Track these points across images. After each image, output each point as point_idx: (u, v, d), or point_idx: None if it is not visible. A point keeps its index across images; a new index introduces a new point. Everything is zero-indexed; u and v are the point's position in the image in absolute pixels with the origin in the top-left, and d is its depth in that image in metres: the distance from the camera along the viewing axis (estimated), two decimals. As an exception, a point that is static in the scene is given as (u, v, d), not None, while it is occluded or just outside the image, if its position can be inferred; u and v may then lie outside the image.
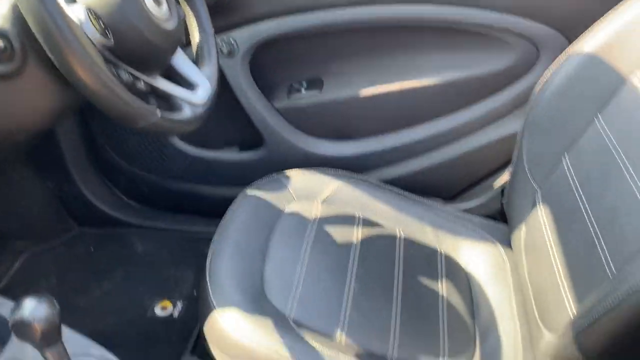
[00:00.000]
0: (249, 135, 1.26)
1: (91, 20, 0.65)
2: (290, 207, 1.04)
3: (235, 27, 1.15)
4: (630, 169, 0.76)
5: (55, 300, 0.64)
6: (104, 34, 0.66)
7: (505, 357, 0.86)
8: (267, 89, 1.24)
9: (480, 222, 1.12)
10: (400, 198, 1.12)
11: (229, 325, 0.80)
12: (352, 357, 0.80)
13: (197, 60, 0.86)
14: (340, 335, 0.83)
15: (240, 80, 1.19)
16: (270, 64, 1.22)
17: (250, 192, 1.05)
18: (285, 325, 0.82)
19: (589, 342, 0.65)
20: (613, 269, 0.68)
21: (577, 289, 0.77)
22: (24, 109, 0.73)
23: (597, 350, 0.64)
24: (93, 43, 0.65)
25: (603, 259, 0.72)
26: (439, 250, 1.05)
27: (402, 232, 1.06)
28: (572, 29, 1.04)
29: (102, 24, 0.65)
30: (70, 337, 0.72)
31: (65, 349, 0.67)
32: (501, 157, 1.16)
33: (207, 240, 1.30)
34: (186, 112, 0.78)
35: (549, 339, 0.77)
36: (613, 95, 0.87)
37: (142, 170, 1.35)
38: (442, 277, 1.00)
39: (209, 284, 0.87)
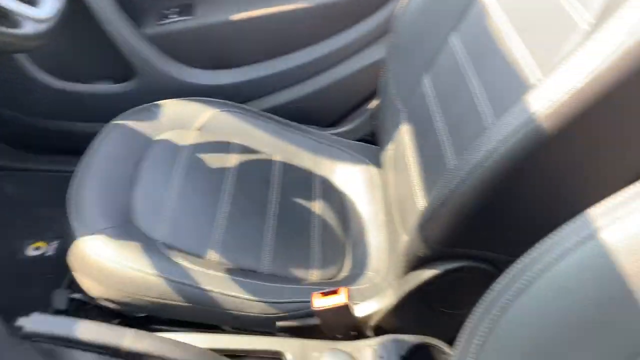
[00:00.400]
0: (120, 66, 1.21)
1: None
2: (161, 136, 1.02)
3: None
4: (477, 84, 0.81)
5: None
6: None
7: (372, 262, 0.92)
8: (135, 14, 1.18)
9: (354, 145, 1.16)
10: (278, 125, 1.13)
11: (92, 251, 0.79)
12: (222, 272, 0.82)
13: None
14: (211, 254, 0.85)
15: (105, 7, 1.13)
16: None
17: (117, 122, 1.02)
18: (152, 248, 0.82)
19: (431, 234, 0.70)
20: (453, 163, 0.74)
21: (425, 190, 0.83)
22: None
23: (437, 240, 0.70)
24: None
25: (446, 158, 0.78)
26: (315, 173, 1.08)
27: (279, 158, 1.08)
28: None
29: None
30: None
31: None
32: (371, 83, 1.19)
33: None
34: (28, 28, 0.72)
35: (404, 239, 0.83)
36: (464, 13, 0.91)
37: (7, 109, 1.25)
38: (317, 197, 1.03)
39: (71, 213, 0.84)
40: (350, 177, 1.10)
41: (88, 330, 0.69)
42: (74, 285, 0.98)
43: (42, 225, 1.16)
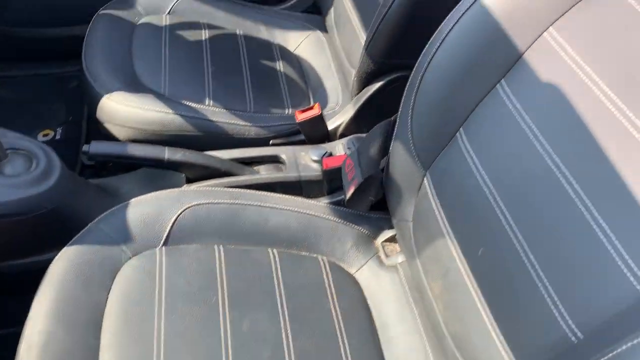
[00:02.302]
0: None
1: None
2: (142, 20, 1.21)
3: None
4: None
5: None
6: None
7: (332, 98, 1.17)
8: None
9: (300, 16, 1.39)
10: (235, 5, 1.34)
11: (117, 102, 1.00)
12: (221, 110, 1.06)
13: None
14: (208, 101, 1.08)
15: None
16: None
17: (103, 12, 1.20)
18: (163, 98, 1.04)
19: (374, 51, 0.97)
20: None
21: (365, 29, 1.08)
22: None
23: (379, 54, 0.97)
24: None
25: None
26: (272, 42, 1.31)
27: (241, 31, 1.29)
28: None
29: None
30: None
31: None
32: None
33: (68, 77, 1.43)
34: None
35: (353, 72, 1.08)
36: None
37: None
38: (277, 59, 1.26)
39: (90, 81, 1.04)
40: (301, 41, 1.34)
41: (136, 148, 0.93)
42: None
43: (44, 117, 1.33)
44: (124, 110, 1.00)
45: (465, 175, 0.66)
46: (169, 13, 1.26)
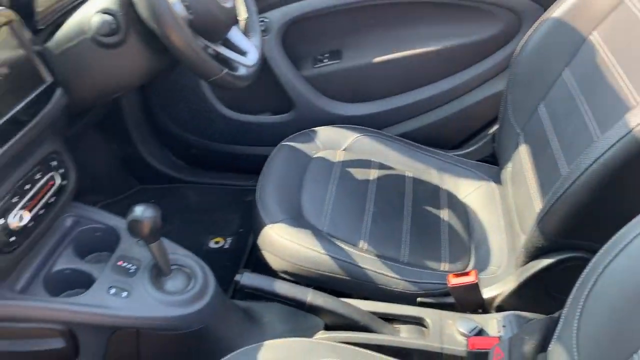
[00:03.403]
0: (281, 100, 1.50)
1: (180, 1, 0.89)
2: (317, 154, 1.29)
3: (269, 9, 1.39)
4: (587, 108, 0.98)
5: (157, 207, 0.89)
6: (187, 11, 0.90)
7: (494, 259, 1.09)
8: (296, 60, 1.48)
9: (475, 165, 1.35)
10: (409, 147, 1.35)
11: (277, 234, 1.05)
12: (372, 257, 1.04)
13: (245, 32, 1.11)
14: (362, 244, 1.07)
15: (274, 54, 1.43)
16: (298, 39, 1.46)
17: (285, 144, 1.30)
18: (320, 235, 1.06)
19: (547, 227, 0.88)
20: (566, 170, 0.91)
21: (542, 196, 1.00)
22: (122, 72, 0.97)
23: (553, 232, 0.87)
24: (182, 18, 0.89)
25: (560, 168, 0.95)
26: (441, 187, 1.28)
27: (410, 174, 1.29)
28: (549, 1, 1.26)
29: (185, 3, 0.90)
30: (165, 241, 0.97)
31: (163, 244, 0.92)
32: (491, 111, 1.38)
33: (246, 191, 1.56)
34: (241, 71, 1.02)
35: (522, 237, 1.00)
36: (575, 52, 1.09)
37: (192, 134, 1.59)
38: (443, 207, 1.23)
39: (259, 209, 1.11)
40: (472, 191, 1.29)
41: (282, 286, 0.95)
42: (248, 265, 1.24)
43: (219, 225, 1.46)
44: (282, 244, 1.03)
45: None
46: (344, 149, 1.32)
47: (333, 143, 1.33)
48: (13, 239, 0.83)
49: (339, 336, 0.91)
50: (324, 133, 1.34)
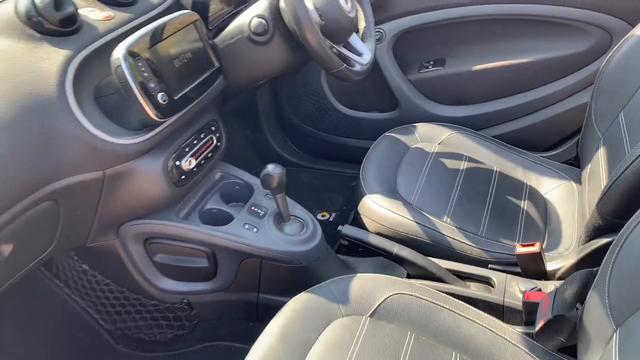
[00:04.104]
0: (388, 100, 1.74)
1: (315, 10, 1.17)
2: (415, 145, 1.50)
3: (384, 22, 1.64)
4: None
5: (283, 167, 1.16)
6: (320, 18, 1.17)
7: (563, 243, 1.24)
8: (403, 66, 1.71)
9: (559, 166, 1.49)
10: (499, 146, 1.52)
11: (374, 201, 1.28)
12: (453, 228, 1.23)
13: (362, 38, 1.36)
14: (446, 218, 1.27)
15: (385, 59, 1.68)
16: (407, 47, 1.69)
17: (388, 134, 1.53)
18: (410, 206, 1.27)
19: (605, 208, 1.03)
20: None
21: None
22: (267, 64, 1.26)
23: (609, 212, 1.02)
24: (317, 23, 1.16)
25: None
26: (525, 182, 1.44)
27: (498, 169, 1.46)
28: (638, 20, 1.38)
29: (319, 12, 1.17)
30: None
31: (285, 197, 1.18)
32: (577, 119, 1.52)
33: (351, 177, 1.81)
34: (357, 68, 1.27)
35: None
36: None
37: (309, 126, 1.88)
38: (524, 198, 1.39)
39: (361, 181, 1.35)
40: (553, 188, 1.43)
41: (375, 238, 1.18)
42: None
43: (326, 203, 1.72)
44: (377, 210, 1.26)
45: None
46: (439, 143, 1.52)
47: (430, 137, 1.54)
48: (183, 177, 1.14)
49: (418, 281, 1.12)
50: (423, 128, 1.55)
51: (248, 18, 1.21)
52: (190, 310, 1.25)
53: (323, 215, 1.67)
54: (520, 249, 1.11)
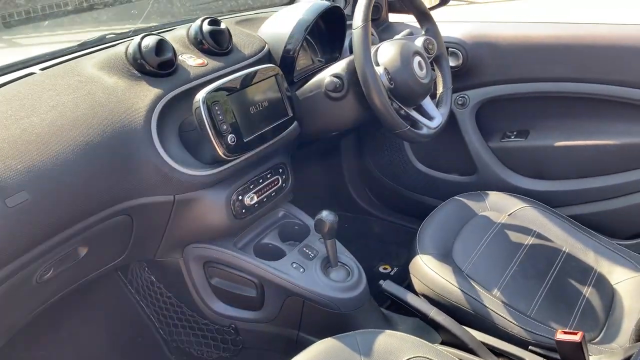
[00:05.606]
0: (466, 164, 1.75)
1: (385, 74, 1.25)
2: (483, 213, 1.49)
3: (470, 88, 1.67)
4: None
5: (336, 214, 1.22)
6: (389, 81, 1.25)
7: (620, 339, 1.16)
8: (485, 133, 1.71)
9: (635, 257, 1.39)
10: (573, 226, 1.46)
11: (424, 262, 1.29)
12: (501, 305, 1.21)
13: (437, 104, 1.41)
14: (496, 291, 1.25)
15: (467, 125, 1.70)
16: (491, 115, 1.70)
17: (457, 198, 1.53)
18: (459, 273, 1.27)
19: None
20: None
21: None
22: (339, 118, 1.35)
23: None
24: (384, 86, 1.24)
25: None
26: (594, 267, 1.37)
27: (567, 249, 1.41)
28: None
29: (389, 76, 1.24)
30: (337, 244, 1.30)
31: (335, 244, 1.24)
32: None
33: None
34: (424, 131, 1.32)
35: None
36: None
37: (388, 179, 1.93)
38: (589, 285, 1.31)
39: (416, 240, 1.37)
40: (626, 279, 1.34)
41: (412, 298, 1.19)
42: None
43: (391, 255, 1.75)
44: (425, 271, 1.28)
45: None
46: (509, 214, 1.49)
47: (500, 207, 1.51)
48: (244, 211, 1.25)
49: (449, 350, 1.11)
50: (494, 197, 1.54)
51: (326, 75, 1.31)
52: (236, 335, 1.34)
53: (385, 268, 1.69)
54: (560, 335, 1.06)
